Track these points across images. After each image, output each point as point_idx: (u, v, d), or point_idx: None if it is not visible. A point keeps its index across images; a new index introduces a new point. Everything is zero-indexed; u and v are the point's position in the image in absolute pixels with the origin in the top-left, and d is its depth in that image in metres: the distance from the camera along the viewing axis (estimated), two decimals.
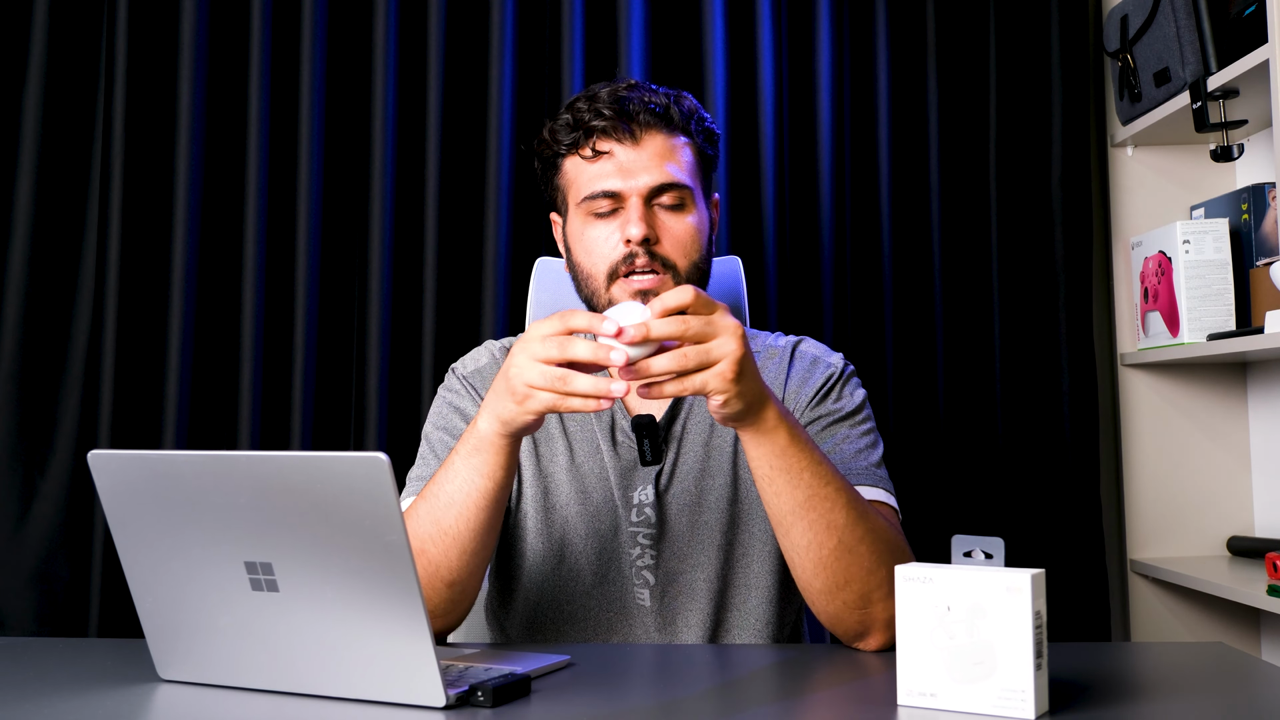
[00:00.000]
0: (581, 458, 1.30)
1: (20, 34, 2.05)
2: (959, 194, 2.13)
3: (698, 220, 1.29)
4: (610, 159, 1.27)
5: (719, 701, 0.93)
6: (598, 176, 1.27)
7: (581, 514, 1.29)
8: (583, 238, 1.29)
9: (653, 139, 1.27)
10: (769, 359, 1.36)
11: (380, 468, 0.83)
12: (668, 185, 1.26)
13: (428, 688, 0.88)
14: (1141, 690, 1.00)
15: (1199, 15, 1.86)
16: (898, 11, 2.15)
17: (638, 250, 1.24)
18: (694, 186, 1.29)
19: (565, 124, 1.30)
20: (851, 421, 1.30)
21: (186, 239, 2.00)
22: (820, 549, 1.08)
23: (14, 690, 0.98)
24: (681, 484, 1.29)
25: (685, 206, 1.28)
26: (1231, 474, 2.12)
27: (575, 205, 1.30)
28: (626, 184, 1.26)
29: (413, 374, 2.06)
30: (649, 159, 1.27)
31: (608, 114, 1.27)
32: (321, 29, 2.07)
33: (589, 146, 1.28)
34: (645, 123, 1.27)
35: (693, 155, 1.31)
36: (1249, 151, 2.06)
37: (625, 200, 1.26)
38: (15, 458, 1.99)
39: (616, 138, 1.27)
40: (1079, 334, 2.08)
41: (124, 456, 0.94)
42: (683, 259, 1.27)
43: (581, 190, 1.29)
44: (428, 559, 1.11)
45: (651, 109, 1.27)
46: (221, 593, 0.94)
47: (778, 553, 1.29)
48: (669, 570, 1.28)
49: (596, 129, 1.27)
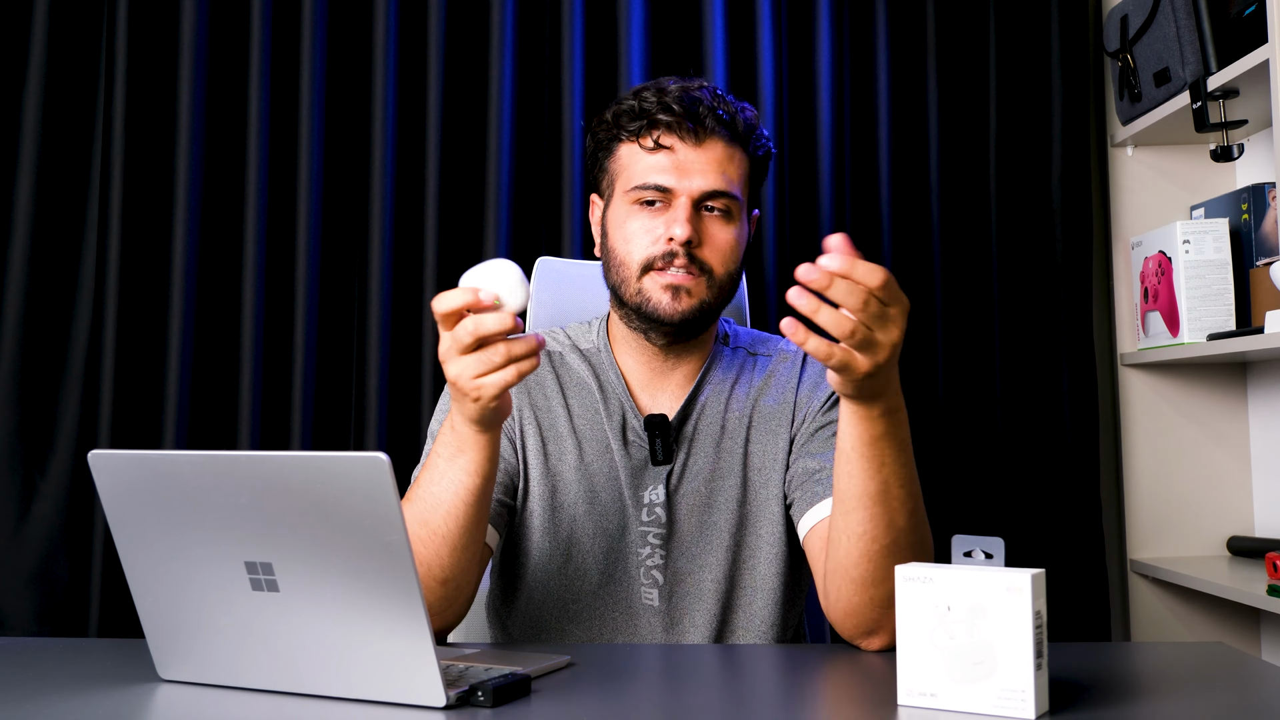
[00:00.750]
0: (591, 457, 1.30)
1: (20, 34, 2.05)
2: (959, 194, 2.13)
3: (739, 233, 1.29)
4: (669, 154, 1.27)
5: (719, 701, 0.93)
6: (653, 169, 1.27)
7: (589, 513, 1.29)
8: (624, 225, 1.29)
9: (714, 144, 1.27)
10: (780, 364, 1.36)
11: (380, 468, 0.83)
12: (719, 193, 1.26)
13: (428, 688, 0.88)
14: (1141, 690, 1.00)
15: (1199, 15, 1.86)
16: (898, 11, 2.15)
17: (679, 250, 1.24)
18: (741, 199, 1.30)
19: (630, 110, 1.29)
20: None
21: (186, 239, 2.00)
22: (874, 542, 1.08)
23: (14, 690, 0.98)
24: (692, 484, 1.29)
25: (731, 217, 1.28)
26: (1231, 474, 2.12)
27: (623, 191, 1.30)
28: (680, 183, 1.26)
29: (413, 374, 2.06)
30: (707, 163, 1.26)
31: (676, 109, 1.26)
32: (321, 29, 2.07)
33: (651, 137, 1.27)
34: (710, 127, 1.27)
35: (745, 169, 1.31)
36: (1249, 151, 2.06)
37: (675, 198, 1.26)
38: (15, 458, 1.99)
39: (679, 135, 1.27)
40: (1079, 334, 2.08)
41: (124, 456, 0.94)
42: (720, 266, 1.27)
43: (633, 179, 1.28)
44: (419, 560, 1.11)
45: (719, 115, 1.27)
46: (221, 593, 0.94)
47: (784, 556, 1.29)
48: (677, 570, 1.28)
49: (662, 122, 1.27)
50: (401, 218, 2.07)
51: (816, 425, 1.30)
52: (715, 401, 1.33)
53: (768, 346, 1.39)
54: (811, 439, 1.29)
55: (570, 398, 1.33)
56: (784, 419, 1.32)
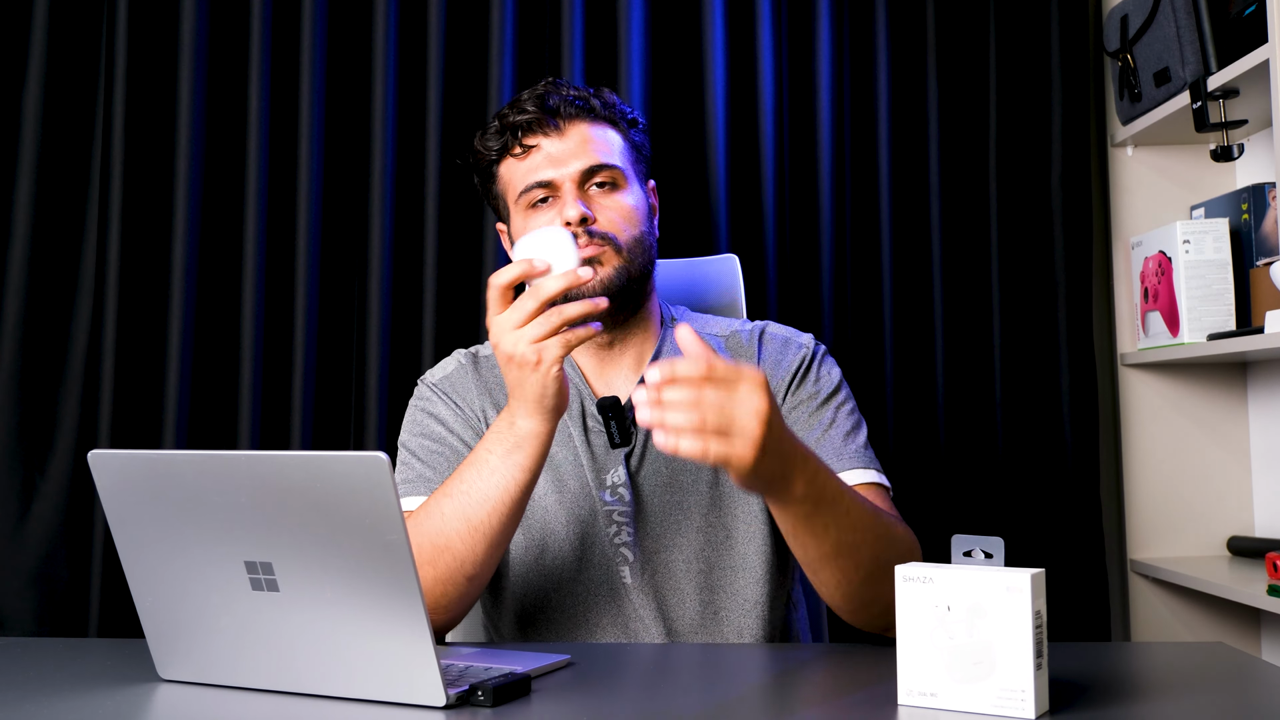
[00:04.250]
0: (554, 448, 1.31)
1: (20, 34, 2.04)
2: (959, 194, 2.13)
3: (633, 199, 1.32)
4: (539, 152, 1.31)
5: (719, 701, 0.93)
6: (530, 170, 1.31)
7: (559, 502, 1.30)
8: (525, 231, 1.31)
9: (577, 128, 1.31)
10: (735, 346, 1.37)
11: (380, 467, 0.83)
12: (597, 167, 1.30)
13: (428, 687, 0.88)
14: (1141, 690, 1.00)
15: (1199, 15, 1.86)
16: (898, 11, 2.14)
17: (578, 231, 1.26)
18: (624, 168, 1.32)
19: (494, 130, 1.34)
20: (835, 403, 1.32)
21: (186, 239, 2.00)
22: (848, 584, 1.10)
23: (14, 690, 0.98)
24: (653, 464, 1.31)
25: (618, 186, 1.31)
26: (1231, 474, 2.12)
27: (515, 203, 1.33)
28: (558, 172, 1.29)
29: (413, 374, 2.05)
30: (576, 146, 1.30)
31: (531, 109, 1.31)
32: (321, 29, 2.07)
33: (517, 144, 1.31)
34: (568, 114, 1.31)
35: (621, 139, 1.35)
36: (1249, 151, 2.06)
37: (559, 187, 1.29)
38: (15, 458, 1.99)
39: (542, 131, 1.31)
40: (1079, 334, 2.08)
41: (124, 456, 0.94)
42: (622, 232, 1.29)
43: (517, 186, 1.32)
44: (452, 555, 1.13)
45: (571, 100, 1.31)
46: (221, 593, 0.94)
47: (765, 534, 1.31)
48: (648, 548, 1.29)
49: (521, 125, 1.31)
50: (401, 218, 2.07)
51: (788, 408, 1.32)
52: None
53: (720, 326, 1.41)
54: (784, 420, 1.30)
55: None
56: None
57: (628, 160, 1.34)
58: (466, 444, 1.32)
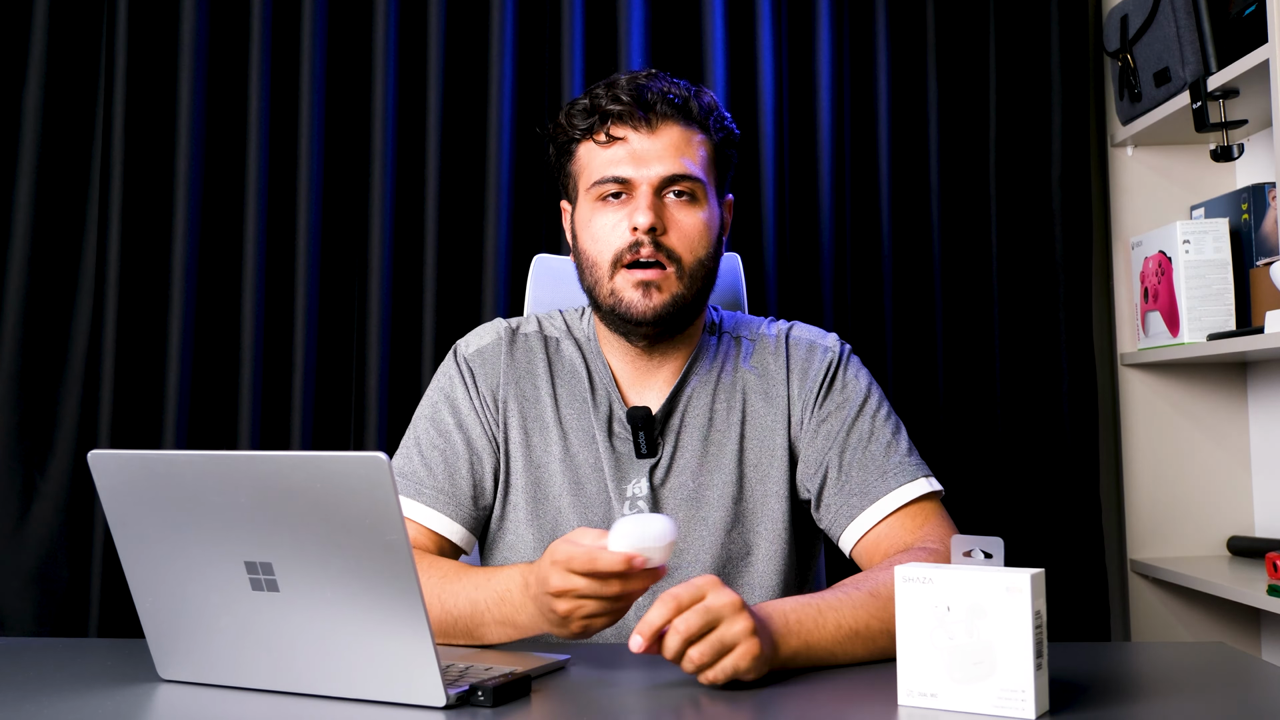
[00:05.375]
0: (576, 448, 1.30)
1: (20, 34, 2.04)
2: (959, 194, 2.13)
3: (708, 216, 1.28)
4: (624, 145, 1.26)
5: (718, 701, 0.93)
6: (610, 162, 1.26)
7: (574, 505, 1.28)
8: (590, 224, 1.28)
9: (669, 129, 1.26)
10: (763, 350, 1.35)
11: (380, 468, 0.83)
12: (679, 176, 1.25)
13: (428, 687, 0.88)
14: (1141, 690, 1.00)
15: (1199, 15, 1.86)
16: (898, 11, 2.15)
17: (644, 239, 1.23)
18: (706, 181, 1.28)
19: (582, 109, 1.29)
20: (868, 412, 1.29)
21: (186, 239, 2.00)
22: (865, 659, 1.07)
23: (14, 690, 0.98)
24: (678, 479, 1.29)
25: (696, 200, 1.27)
26: (1231, 474, 2.12)
27: (585, 191, 1.29)
28: (638, 172, 1.25)
29: (413, 374, 2.06)
30: (663, 149, 1.25)
31: (625, 100, 1.25)
32: (321, 29, 2.07)
33: (604, 131, 1.26)
34: (663, 112, 1.26)
35: (708, 152, 1.30)
36: (1249, 151, 2.06)
37: (635, 188, 1.25)
38: (15, 458, 1.99)
39: (632, 124, 1.26)
40: (1079, 334, 2.08)
41: (124, 456, 0.94)
42: (688, 253, 1.26)
43: (593, 175, 1.28)
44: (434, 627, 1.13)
45: (670, 99, 1.26)
46: (221, 593, 0.94)
47: (783, 556, 1.29)
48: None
49: (612, 114, 1.26)
50: (401, 218, 2.07)
51: (817, 421, 1.29)
52: (701, 392, 1.31)
53: (751, 329, 1.38)
54: (816, 436, 1.28)
55: (559, 386, 1.33)
56: (778, 414, 1.30)
57: (711, 173, 1.29)
58: (469, 443, 1.31)
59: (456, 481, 1.29)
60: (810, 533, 1.34)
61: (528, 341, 1.36)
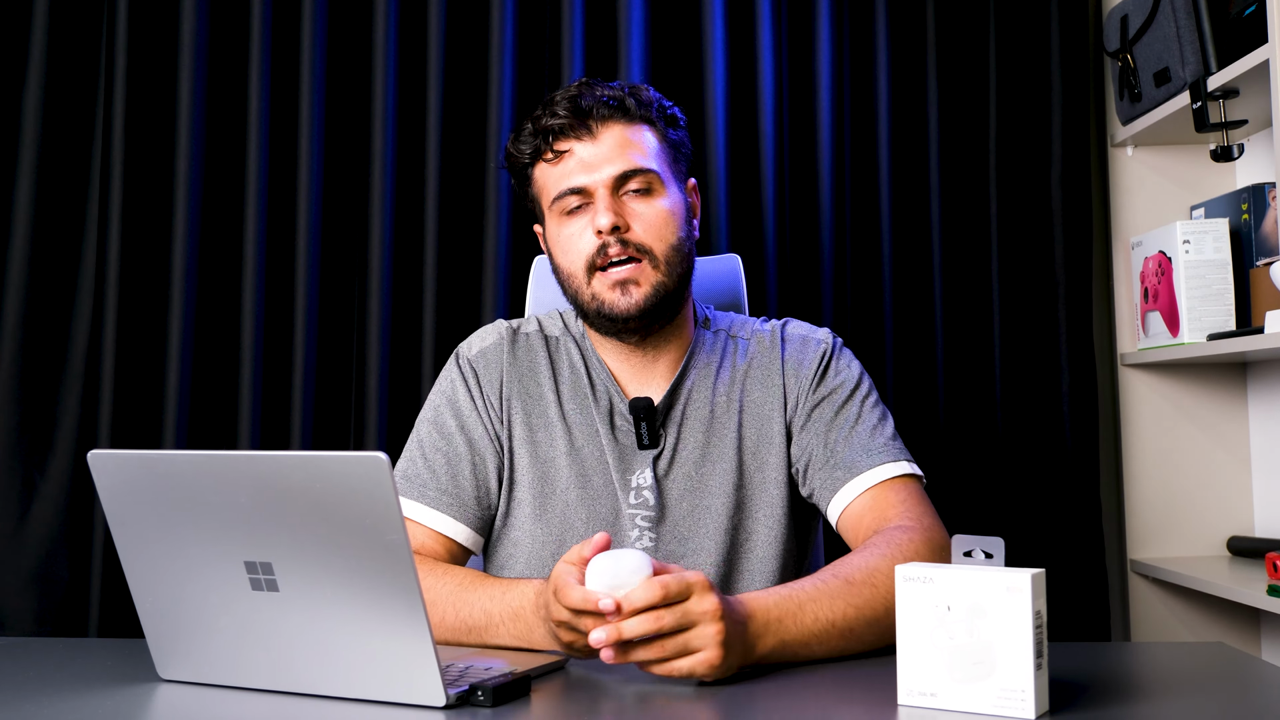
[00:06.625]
0: (581, 442, 1.32)
1: (20, 34, 2.04)
2: (959, 194, 2.13)
3: (669, 203, 1.30)
4: (571, 157, 1.29)
5: (718, 701, 0.93)
6: (563, 176, 1.30)
7: (582, 498, 1.30)
8: (559, 238, 1.31)
9: (611, 131, 1.29)
10: (759, 345, 1.37)
11: (380, 468, 0.83)
12: (631, 172, 1.28)
13: (428, 687, 0.88)
14: (1141, 690, 1.00)
15: (1199, 15, 1.86)
16: (898, 11, 2.14)
17: (610, 240, 1.26)
18: (660, 170, 1.31)
19: (527, 134, 1.33)
20: (858, 398, 1.32)
21: (186, 239, 2.00)
22: (865, 649, 1.08)
23: (14, 690, 0.98)
24: (681, 468, 1.31)
25: (653, 191, 1.30)
26: (1231, 474, 2.12)
27: (549, 209, 1.33)
28: (591, 178, 1.28)
29: (413, 373, 2.06)
30: (609, 150, 1.28)
31: (563, 114, 1.29)
32: (321, 29, 2.07)
33: (550, 149, 1.30)
34: (601, 116, 1.29)
35: (657, 140, 1.33)
36: (1249, 151, 2.06)
37: (593, 194, 1.28)
38: (15, 458, 1.99)
39: (575, 135, 1.29)
40: (1079, 334, 2.08)
41: (124, 456, 0.94)
42: (658, 242, 1.28)
43: (551, 192, 1.31)
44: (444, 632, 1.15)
45: (605, 101, 1.29)
46: (221, 593, 0.94)
47: (781, 540, 1.31)
48: (669, 554, 1.29)
49: (554, 130, 1.29)
50: (401, 218, 2.07)
51: (810, 405, 1.32)
52: (702, 385, 1.34)
53: (746, 328, 1.41)
54: (809, 420, 1.32)
55: (561, 383, 1.35)
56: (775, 403, 1.33)
57: (664, 162, 1.32)
58: (472, 445, 1.32)
59: (460, 483, 1.31)
60: (807, 516, 1.37)
61: (529, 341, 1.38)
